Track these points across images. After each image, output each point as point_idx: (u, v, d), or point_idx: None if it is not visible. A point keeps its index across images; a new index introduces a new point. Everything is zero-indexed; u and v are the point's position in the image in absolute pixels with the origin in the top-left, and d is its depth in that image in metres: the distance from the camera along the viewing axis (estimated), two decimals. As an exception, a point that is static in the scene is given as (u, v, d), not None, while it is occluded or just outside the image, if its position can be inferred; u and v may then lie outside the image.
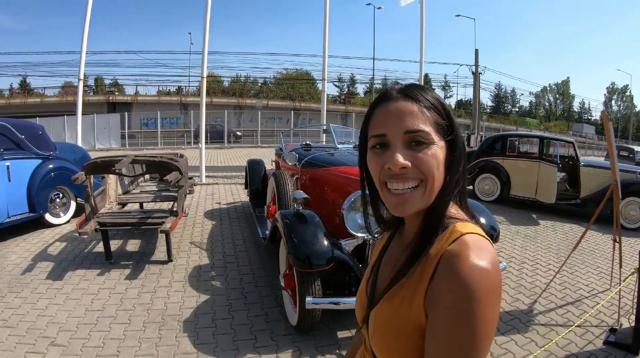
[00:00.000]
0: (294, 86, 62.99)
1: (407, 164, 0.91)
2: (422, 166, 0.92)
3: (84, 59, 12.26)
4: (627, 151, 18.10)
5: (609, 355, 3.86)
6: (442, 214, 0.98)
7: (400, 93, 0.99)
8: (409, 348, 0.92)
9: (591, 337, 4.19)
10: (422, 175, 0.93)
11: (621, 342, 3.99)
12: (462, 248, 0.88)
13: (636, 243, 7.70)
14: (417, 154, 0.93)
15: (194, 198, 9.64)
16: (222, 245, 6.31)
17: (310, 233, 3.71)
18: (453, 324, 0.82)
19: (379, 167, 0.96)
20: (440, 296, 0.85)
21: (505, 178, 10.99)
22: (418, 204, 0.95)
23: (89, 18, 12.07)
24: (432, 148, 0.94)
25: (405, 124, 0.93)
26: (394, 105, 0.96)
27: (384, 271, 1.11)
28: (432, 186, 0.94)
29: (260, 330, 3.92)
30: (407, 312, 0.92)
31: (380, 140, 0.96)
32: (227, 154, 24.41)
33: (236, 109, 42.60)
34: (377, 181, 0.99)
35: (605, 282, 5.62)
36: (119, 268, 5.26)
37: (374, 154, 0.98)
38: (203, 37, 11.95)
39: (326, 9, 13.37)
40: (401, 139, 0.94)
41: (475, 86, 33.20)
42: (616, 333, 4.12)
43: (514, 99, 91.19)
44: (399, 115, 0.95)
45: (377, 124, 0.98)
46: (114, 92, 46.52)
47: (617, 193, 4.62)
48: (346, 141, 7.13)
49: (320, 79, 18.89)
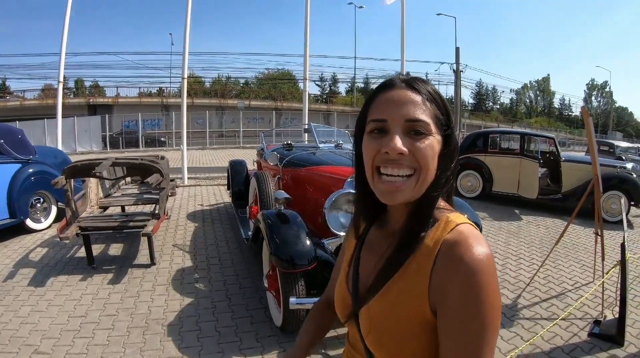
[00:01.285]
0: (275, 86, 62.87)
1: (404, 150, 0.92)
2: (419, 154, 0.93)
3: (63, 61, 12.11)
4: (608, 145, 18.30)
5: (594, 347, 3.91)
6: (432, 205, 1.00)
7: (404, 83, 1.00)
8: (413, 342, 0.93)
9: (576, 330, 4.24)
10: (416, 164, 0.94)
11: (606, 333, 4.06)
12: (462, 237, 0.91)
13: (618, 236, 7.77)
14: (415, 143, 0.94)
15: (176, 200, 9.57)
16: (205, 247, 6.27)
17: (293, 233, 3.70)
18: (467, 313, 0.84)
19: (374, 151, 0.96)
20: (450, 288, 0.86)
21: (488, 175, 11.09)
22: (409, 193, 0.95)
23: (69, 19, 11.94)
24: (429, 139, 0.95)
25: (407, 112, 0.94)
26: (398, 93, 0.97)
27: (367, 265, 1.09)
28: (425, 176, 0.95)
29: (245, 331, 3.90)
30: (408, 306, 0.93)
31: (379, 125, 0.97)
32: (209, 155, 24.35)
33: (218, 109, 42.33)
34: (370, 165, 0.98)
35: (588, 275, 5.68)
36: (101, 273, 5.19)
37: (371, 138, 0.98)
38: (184, 37, 11.85)
39: (307, 9, 13.35)
40: (401, 126, 0.94)
41: (457, 84, 33.43)
42: (600, 325, 4.18)
43: (495, 97, 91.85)
44: (401, 103, 0.96)
45: (378, 110, 0.98)
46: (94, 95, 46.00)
47: (598, 187, 4.65)
48: (328, 141, 7.14)
49: (301, 79, 18.85)
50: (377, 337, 0.98)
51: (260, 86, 65.32)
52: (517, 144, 11.20)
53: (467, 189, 11.42)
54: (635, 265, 6.14)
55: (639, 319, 4.53)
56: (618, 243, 6.04)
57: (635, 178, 9.49)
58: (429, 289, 0.91)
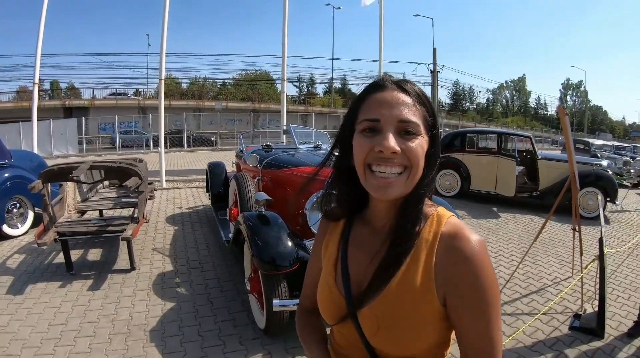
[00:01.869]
0: (253, 87, 62.61)
1: (398, 149, 0.96)
2: (410, 153, 0.97)
3: (39, 62, 11.92)
4: (583, 143, 18.58)
5: (575, 340, 3.99)
6: (422, 202, 1.05)
7: (394, 84, 1.04)
8: (425, 332, 0.99)
9: (557, 324, 4.33)
10: (407, 162, 0.98)
11: (586, 326, 4.16)
12: (458, 228, 1.00)
13: (595, 232, 7.92)
14: (407, 143, 0.97)
15: (155, 203, 9.41)
16: (185, 251, 6.21)
17: (274, 234, 3.69)
18: (479, 297, 0.94)
19: (367, 149, 0.98)
20: (460, 279, 0.95)
21: (465, 173, 11.21)
22: (401, 189, 0.99)
23: (44, 20, 11.75)
24: (419, 139, 0.99)
25: (399, 113, 0.98)
26: (390, 94, 1.01)
27: (358, 263, 1.10)
28: (415, 174, 0.99)
29: (228, 335, 3.87)
30: (416, 300, 0.98)
31: (372, 124, 0.99)
32: (187, 157, 24.14)
33: (195, 111, 42.02)
34: (362, 163, 1.00)
35: (567, 270, 5.77)
36: (80, 279, 5.10)
37: (364, 136, 1.00)
38: (161, 38, 11.60)
39: (285, 9, 13.31)
40: (394, 126, 0.98)
41: (434, 84, 33.69)
42: (581, 319, 4.28)
43: (472, 97, 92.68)
44: (394, 104, 0.99)
45: (370, 110, 1.01)
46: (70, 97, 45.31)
47: (575, 184, 4.72)
48: (306, 141, 7.12)
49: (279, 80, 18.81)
50: (388, 334, 1.00)
51: (238, 87, 64.96)
52: (494, 143, 11.37)
53: (445, 188, 11.51)
54: (613, 259, 6.27)
55: (618, 312, 4.64)
56: (595, 238, 6.15)
57: (610, 175, 9.74)
58: (436, 281, 0.98)
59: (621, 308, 4.75)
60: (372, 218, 1.13)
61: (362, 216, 1.17)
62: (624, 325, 4.32)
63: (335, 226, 1.22)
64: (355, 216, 1.19)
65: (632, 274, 5.86)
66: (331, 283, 1.13)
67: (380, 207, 1.09)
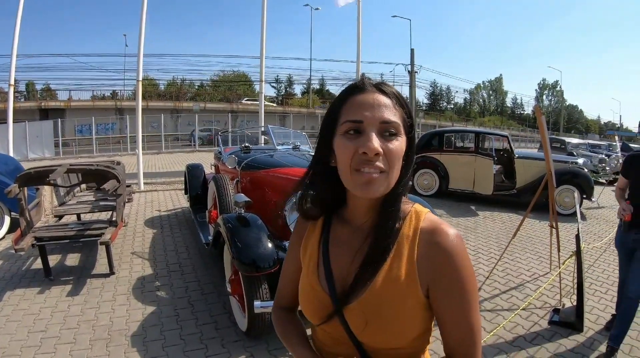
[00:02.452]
0: (231, 88, 62.29)
1: (380, 151, 0.97)
2: (391, 155, 0.99)
3: (14, 63, 11.72)
4: (559, 142, 18.83)
5: (555, 334, 4.08)
6: (400, 200, 1.08)
7: (374, 87, 1.06)
8: (412, 322, 1.03)
9: (536, 319, 4.41)
10: (387, 165, 0.99)
11: (565, 320, 4.25)
12: (436, 224, 1.05)
13: (571, 228, 8.03)
14: (388, 144, 0.99)
15: (133, 206, 9.38)
16: (164, 254, 6.16)
17: (254, 236, 3.69)
18: (460, 286, 1.00)
19: (351, 151, 0.99)
20: (441, 272, 1.00)
21: (444, 173, 11.31)
22: (383, 189, 1.00)
23: (20, 20, 11.57)
24: (399, 140, 1.02)
25: (382, 114, 1.00)
26: (371, 96, 1.03)
27: (340, 261, 1.11)
28: (394, 173, 1.01)
29: (210, 338, 3.85)
30: (403, 292, 1.01)
31: (355, 126, 1.01)
32: (165, 159, 23.95)
33: (173, 112, 41.64)
34: (347, 165, 1.01)
35: (545, 266, 5.86)
36: (59, 285, 5.02)
37: (347, 138, 1.01)
38: (138, 38, 11.47)
39: (264, 10, 13.28)
40: (377, 127, 1.00)
41: (411, 84, 33.88)
42: (560, 313, 4.36)
43: (449, 97, 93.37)
44: (376, 105, 1.01)
45: (353, 111, 1.02)
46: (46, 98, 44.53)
47: (552, 182, 4.78)
48: (285, 142, 7.12)
49: (257, 81, 18.73)
50: (376, 327, 1.02)
51: (216, 88, 64.58)
52: (472, 143, 11.48)
53: (424, 188, 11.59)
54: (590, 255, 6.40)
55: (596, 305, 4.75)
56: (572, 234, 6.24)
57: (586, 172, 9.94)
58: (418, 274, 1.02)
59: (599, 302, 4.86)
60: (352, 217, 1.14)
61: (341, 215, 1.19)
62: (602, 319, 4.42)
63: (313, 227, 1.23)
64: (333, 215, 1.20)
65: (609, 268, 5.98)
66: (314, 283, 1.13)
67: (360, 206, 1.11)
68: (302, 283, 1.19)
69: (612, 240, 6.98)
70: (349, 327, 1.05)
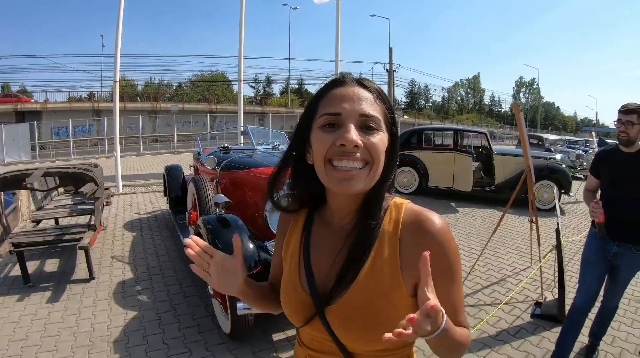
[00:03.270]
0: (209, 89, 61.96)
1: (360, 142, 0.95)
2: (372, 148, 0.97)
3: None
4: (537, 138, 19.03)
5: (538, 327, 4.14)
6: (381, 199, 1.07)
7: (355, 81, 1.05)
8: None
9: (519, 312, 4.46)
10: (369, 157, 0.98)
11: (547, 313, 4.33)
12: (417, 212, 1.05)
13: (551, 222, 8.12)
14: (369, 137, 0.98)
15: (112, 209, 9.25)
16: (145, 257, 6.08)
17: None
18: (449, 267, 1.01)
19: (328, 143, 0.98)
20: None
21: (423, 170, 11.39)
22: (363, 184, 0.99)
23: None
24: (380, 134, 1.00)
25: (361, 107, 0.99)
26: (351, 89, 1.02)
27: (321, 264, 1.10)
28: (377, 169, 1.00)
29: (193, 341, 3.81)
30: (385, 290, 1.00)
31: (333, 119, 0.99)
32: (143, 161, 23.72)
33: (151, 113, 41.28)
34: (322, 158, 0.99)
35: (526, 261, 5.92)
36: (39, 291, 4.92)
37: (324, 131, 1.00)
38: (115, 39, 11.24)
39: (242, 9, 13.22)
40: (356, 120, 0.98)
41: (390, 83, 34.02)
42: (542, 306, 4.46)
43: (427, 95, 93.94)
44: (355, 98, 1.00)
45: (332, 104, 1.01)
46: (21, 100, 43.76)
47: (531, 177, 4.82)
48: (264, 142, 7.09)
49: (236, 81, 18.66)
50: (358, 329, 1.00)
51: (194, 88, 64.18)
52: (451, 140, 11.56)
53: (403, 186, 11.66)
54: (570, 248, 6.48)
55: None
56: (551, 228, 6.31)
57: (564, 168, 10.09)
58: (402, 271, 1.00)
59: (579, 295, 4.90)
60: (332, 219, 1.13)
61: (321, 216, 1.17)
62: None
63: (296, 223, 1.21)
64: (315, 214, 1.19)
65: (589, 262, 6.01)
66: (296, 284, 1.12)
67: (341, 207, 1.09)
68: (284, 284, 1.17)
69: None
70: (331, 329, 1.03)
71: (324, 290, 1.05)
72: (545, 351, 3.73)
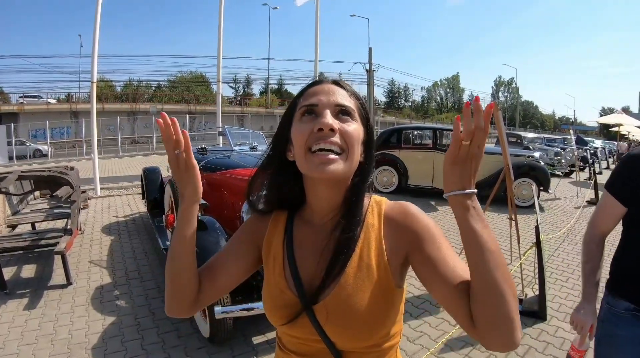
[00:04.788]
0: (188, 89, 61.67)
1: (335, 126, 1.00)
2: (347, 135, 1.01)
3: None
4: (516, 137, 19.21)
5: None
6: (362, 193, 1.10)
7: (331, 80, 1.11)
8: (385, 317, 1.02)
9: None
10: (345, 145, 1.01)
11: (529, 309, 4.37)
12: (398, 204, 1.10)
13: (530, 220, 8.20)
14: (344, 124, 1.02)
15: (89, 212, 9.13)
16: (123, 261, 5.99)
17: (212, 240, 3.64)
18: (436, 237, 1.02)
19: (307, 132, 1.01)
20: (414, 233, 1.02)
21: (403, 169, 11.46)
22: (341, 169, 1.00)
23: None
24: (355, 124, 1.05)
25: (336, 98, 1.05)
26: (327, 85, 1.08)
27: (306, 262, 1.09)
28: (353, 156, 1.03)
29: (173, 346, 3.75)
30: (374, 282, 1.01)
31: (310, 109, 1.04)
32: (121, 163, 23.50)
33: (130, 115, 40.98)
34: (302, 146, 1.01)
35: (506, 258, 5.90)
36: (15, 298, 4.80)
37: (302, 122, 1.04)
38: (93, 39, 11.02)
39: (221, 9, 13.13)
40: (332, 109, 1.03)
41: (370, 83, 34.11)
42: (523, 303, 4.48)
43: (407, 95, 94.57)
44: (331, 92, 1.06)
45: (309, 98, 1.06)
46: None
47: (510, 175, 4.84)
48: (242, 143, 7.06)
49: (215, 81, 18.54)
50: (351, 322, 1.00)
51: (173, 89, 63.84)
52: (430, 139, 11.59)
53: (383, 185, 11.71)
54: (549, 245, 6.56)
55: (557, 294, 4.91)
56: (531, 226, 6.38)
57: (543, 165, 10.21)
58: (389, 262, 1.03)
59: (560, 290, 5.02)
60: (313, 217, 1.13)
61: (301, 216, 1.17)
62: (564, 306, 4.57)
63: (274, 228, 1.19)
64: (295, 216, 1.18)
65: (568, 257, 6.19)
66: (282, 286, 1.09)
67: (321, 203, 1.10)
68: (267, 287, 1.14)
69: (570, 229, 7.21)
70: (320, 326, 1.02)
71: (311, 289, 1.04)
72: (527, 348, 3.75)
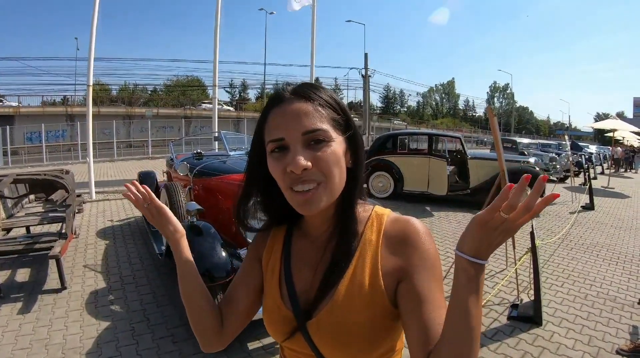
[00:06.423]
0: (184, 93, 61.67)
1: (308, 165, 0.92)
2: (322, 165, 0.93)
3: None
4: (511, 142, 19.29)
5: (515, 329, 4.18)
6: (353, 205, 1.04)
7: (293, 94, 0.99)
8: (379, 336, 0.98)
9: (495, 315, 4.50)
10: (322, 177, 0.94)
11: (524, 315, 4.38)
12: (400, 219, 1.03)
13: (525, 225, 8.18)
14: (317, 154, 0.93)
15: (85, 216, 9.07)
16: (118, 266, 5.96)
17: (208, 245, 3.63)
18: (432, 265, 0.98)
19: (281, 170, 0.95)
20: (411, 256, 0.97)
21: (398, 175, 11.45)
22: (324, 201, 0.96)
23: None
24: (331, 146, 0.95)
25: (302, 125, 0.94)
26: (289, 107, 0.96)
27: (302, 277, 1.07)
28: (333, 183, 0.96)
29: (168, 352, 3.73)
30: (367, 301, 0.96)
31: (278, 144, 0.95)
32: (117, 167, 23.43)
33: (125, 118, 40.86)
34: (282, 184, 0.97)
35: (501, 263, 5.97)
36: (9, 302, 4.77)
37: (274, 159, 0.97)
38: (89, 42, 10.92)
39: (217, 14, 13.13)
40: (300, 140, 0.94)
41: (365, 88, 34.21)
42: (518, 308, 4.51)
43: (403, 100, 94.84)
44: (295, 117, 0.94)
45: (273, 129, 0.97)
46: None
47: (505, 180, 4.86)
48: (238, 148, 7.06)
49: (211, 86, 18.55)
50: (341, 343, 0.98)
51: (169, 93, 63.82)
52: (425, 145, 11.65)
53: (378, 190, 11.71)
54: (545, 250, 6.59)
55: (553, 299, 4.92)
56: (526, 231, 6.38)
57: (538, 171, 10.24)
58: (383, 280, 0.97)
59: (556, 296, 5.04)
60: (309, 229, 1.11)
61: (300, 228, 1.15)
62: (560, 311, 4.59)
63: (273, 241, 1.18)
64: (294, 228, 1.16)
65: (564, 263, 6.22)
66: (278, 300, 1.09)
67: (314, 217, 1.07)
68: (265, 301, 1.14)
69: (565, 235, 7.23)
70: (313, 343, 1.01)
71: (306, 303, 1.03)
72: (523, 353, 3.76)
